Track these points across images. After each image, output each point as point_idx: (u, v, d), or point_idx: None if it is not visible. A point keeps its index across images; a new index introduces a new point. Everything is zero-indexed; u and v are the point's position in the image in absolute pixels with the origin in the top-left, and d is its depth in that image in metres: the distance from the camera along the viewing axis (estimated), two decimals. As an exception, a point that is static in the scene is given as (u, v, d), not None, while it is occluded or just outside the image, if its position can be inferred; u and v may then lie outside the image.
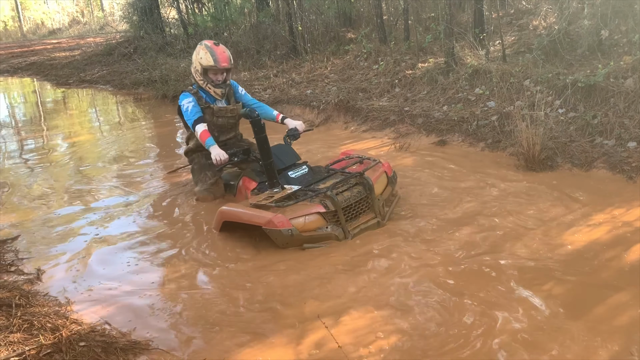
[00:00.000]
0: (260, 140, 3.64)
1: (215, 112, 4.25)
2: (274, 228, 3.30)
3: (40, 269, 3.42)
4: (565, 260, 3.08)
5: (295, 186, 3.66)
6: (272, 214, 3.35)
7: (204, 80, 4.18)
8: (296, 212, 3.40)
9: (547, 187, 4.13)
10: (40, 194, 4.99)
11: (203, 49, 4.13)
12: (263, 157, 3.66)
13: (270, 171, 3.66)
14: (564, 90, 5.17)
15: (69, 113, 9.65)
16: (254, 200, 3.56)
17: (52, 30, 27.29)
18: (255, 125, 3.64)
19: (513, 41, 6.95)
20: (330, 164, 4.15)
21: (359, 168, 3.96)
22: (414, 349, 2.43)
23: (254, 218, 3.41)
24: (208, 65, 4.09)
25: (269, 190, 3.67)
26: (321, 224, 3.45)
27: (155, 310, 2.90)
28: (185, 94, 4.20)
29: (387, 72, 7.22)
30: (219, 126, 4.33)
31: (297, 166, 3.97)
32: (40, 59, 16.47)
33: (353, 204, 3.57)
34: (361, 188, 3.66)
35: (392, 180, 4.07)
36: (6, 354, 2.34)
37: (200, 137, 4.05)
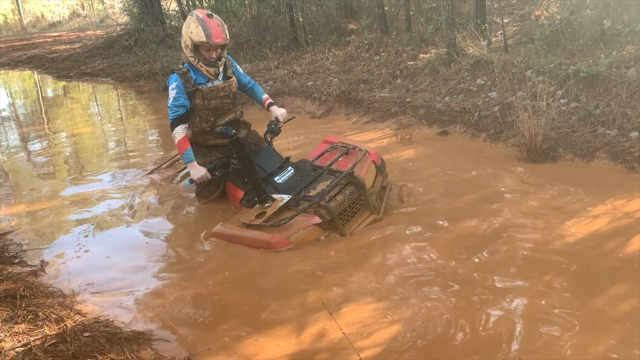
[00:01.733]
0: (242, 159, 3.41)
1: (205, 93, 3.73)
2: (274, 249, 3.27)
3: (44, 261, 3.44)
4: (567, 250, 3.08)
5: (285, 196, 3.51)
6: (269, 235, 3.29)
7: (195, 57, 3.66)
8: (292, 227, 3.32)
9: (548, 177, 4.13)
10: (42, 186, 5.00)
11: (194, 22, 3.57)
12: (247, 174, 3.46)
13: (258, 187, 3.46)
14: (566, 80, 5.16)
15: (70, 106, 9.65)
16: (246, 219, 3.43)
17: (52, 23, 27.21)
18: (233, 145, 3.37)
19: (515, 31, 6.93)
20: (315, 158, 4.01)
21: (345, 162, 3.87)
22: (416, 339, 2.45)
23: (251, 242, 3.35)
24: (199, 41, 3.56)
25: (260, 205, 3.50)
26: (319, 234, 3.39)
27: (159, 301, 2.92)
28: (171, 78, 3.72)
29: (388, 63, 7.20)
30: (213, 109, 3.82)
31: (282, 169, 3.78)
32: (41, 52, 16.42)
33: (347, 206, 3.49)
34: (353, 188, 3.58)
35: (381, 168, 3.98)
36: (11, 344, 2.36)
37: (177, 146, 3.67)
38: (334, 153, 4.04)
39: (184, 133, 3.67)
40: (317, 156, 4.03)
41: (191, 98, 3.71)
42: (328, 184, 3.59)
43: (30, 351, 2.32)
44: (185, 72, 3.70)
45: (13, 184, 5.15)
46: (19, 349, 2.33)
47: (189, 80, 3.69)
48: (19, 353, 2.29)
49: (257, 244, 3.32)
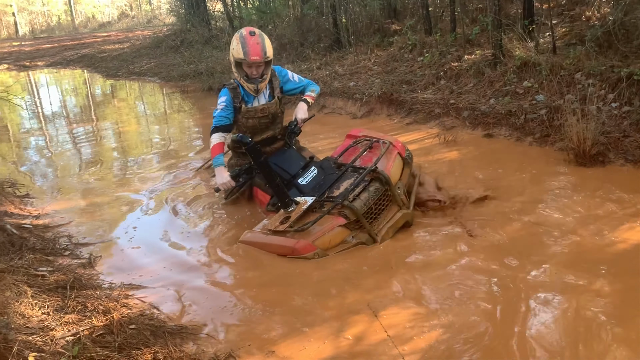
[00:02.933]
0: (261, 166, 3.36)
1: (243, 113, 3.84)
2: (300, 255, 3.21)
3: (93, 254, 3.55)
4: (617, 258, 2.98)
5: (309, 198, 3.42)
6: (294, 241, 3.23)
7: (239, 74, 3.76)
8: (317, 231, 3.24)
9: (598, 182, 4.00)
10: (90, 182, 5.17)
11: (236, 39, 3.68)
12: (268, 181, 3.41)
13: (280, 193, 3.40)
14: (618, 83, 4.98)
15: (117, 104, 9.94)
16: (271, 225, 3.37)
17: (102, 23, 28.12)
18: (251, 152, 3.32)
19: (564, 33, 6.73)
20: (339, 154, 3.88)
21: (370, 156, 3.73)
22: (457, 344, 2.41)
23: (277, 249, 3.31)
24: (238, 57, 3.66)
25: (284, 210, 3.43)
26: (345, 235, 3.29)
27: (203, 297, 2.97)
28: (223, 91, 3.85)
29: (432, 64, 7.13)
30: (250, 127, 3.91)
31: (305, 169, 3.71)
32: (91, 51, 16.99)
33: (373, 205, 3.36)
34: (377, 184, 3.45)
35: (408, 160, 3.81)
36: (62, 333, 2.45)
37: (211, 150, 3.73)
38: (357, 148, 3.89)
39: (219, 140, 3.71)
40: (341, 152, 3.91)
41: (236, 112, 3.82)
42: (351, 182, 3.47)
43: (79, 340, 2.40)
44: (235, 88, 3.81)
45: (62, 179, 5.34)
46: (69, 338, 2.41)
47: (238, 95, 3.80)
48: (69, 342, 2.38)
49: (283, 251, 3.27)
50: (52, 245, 3.67)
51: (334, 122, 6.56)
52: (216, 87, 9.28)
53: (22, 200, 4.64)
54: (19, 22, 26.74)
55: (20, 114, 9.28)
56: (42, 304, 2.70)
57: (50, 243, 3.69)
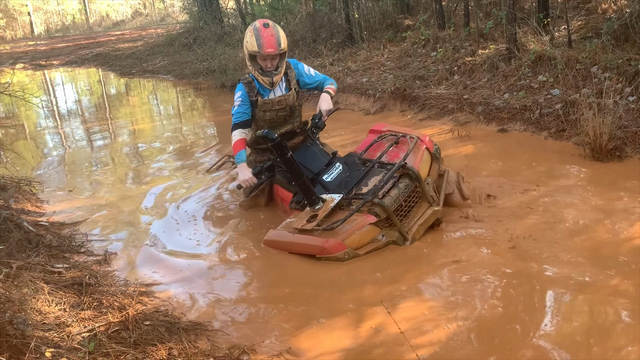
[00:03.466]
0: (287, 163, 3.25)
1: (260, 106, 3.75)
2: (329, 255, 3.11)
3: (108, 251, 3.59)
4: (635, 253, 2.94)
5: (336, 196, 3.32)
6: (323, 240, 3.12)
7: (253, 67, 3.69)
8: (347, 230, 3.13)
9: (615, 177, 3.95)
10: (106, 179, 5.21)
11: (250, 31, 3.59)
12: (294, 177, 3.30)
13: (306, 190, 3.30)
14: (635, 77, 4.90)
15: (131, 102, 10.02)
16: (298, 224, 3.26)
17: (116, 22, 28.33)
18: (276, 148, 3.22)
19: (580, 26, 6.64)
20: (364, 150, 3.75)
21: (397, 152, 3.61)
22: (473, 340, 2.40)
23: (305, 248, 3.21)
24: (252, 50, 3.57)
25: (310, 208, 3.33)
26: (375, 234, 3.20)
27: (217, 294, 2.99)
28: (238, 86, 3.79)
29: (445, 59, 7.07)
30: (268, 121, 3.81)
31: (329, 166, 3.61)
32: (105, 50, 17.11)
33: (403, 202, 3.27)
34: (407, 180, 3.36)
35: (436, 155, 3.72)
36: (78, 329, 2.48)
37: (232, 147, 3.67)
38: (382, 143, 3.76)
39: (240, 136, 3.66)
40: (366, 148, 3.78)
41: (253, 107, 3.75)
42: (380, 178, 3.37)
43: (95, 337, 2.43)
44: (250, 82, 3.75)
45: (78, 176, 5.39)
46: (85, 334, 2.44)
47: (253, 89, 3.73)
48: (85, 338, 2.40)
49: (311, 250, 3.17)
50: (68, 242, 3.71)
51: (346, 118, 6.54)
52: (229, 85, 9.31)
53: (39, 198, 4.70)
54: (35, 21, 27.04)
55: (37, 112, 9.39)
56: (59, 301, 2.73)
57: (66, 240, 3.74)
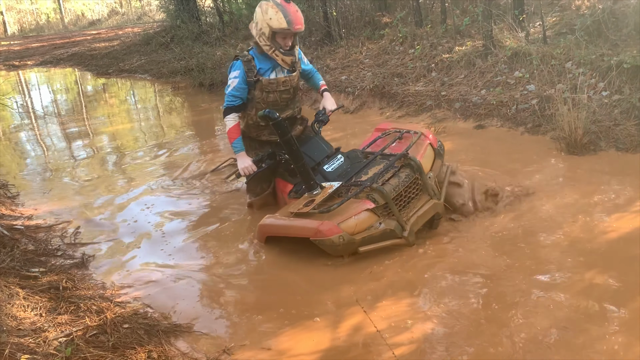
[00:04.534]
0: (287, 143, 3.19)
1: (264, 86, 3.52)
2: (323, 238, 3.00)
3: (85, 254, 3.54)
4: (609, 246, 3.00)
5: (335, 183, 3.29)
6: (318, 222, 3.02)
7: (271, 46, 3.41)
8: (343, 214, 3.04)
9: (590, 171, 4.02)
10: (82, 180, 5.14)
11: (272, 7, 3.32)
12: (293, 160, 3.24)
13: (305, 173, 3.25)
14: (608, 72, 4.99)
15: (109, 102, 9.88)
16: (294, 208, 3.19)
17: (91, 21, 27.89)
18: (277, 127, 3.16)
19: (554, 22, 6.73)
20: (367, 146, 3.77)
21: (399, 146, 3.59)
22: (450, 335, 2.42)
23: (299, 231, 3.12)
24: (279, 27, 3.31)
25: (308, 193, 3.29)
26: (373, 221, 3.10)
27: (196, 295, 2.97)
28: (235, 65, 3.52)
29: (423, 57, 7.11)
30: (271, 103, 3.58)
31: (331, 157, 3.58)
32: (81, 49, 16.83)
33: (403, 190, 3.22)
34: (408, 170, 3.31)
35: (439, 151, 3.69)
36: (55, 334, 2.44)
37: (227, 134, 3.51)
38: (386, 139, 3.77)
39: (235, 121, 3.52)
40: (369, 144, 3.79)
41: (251, 88, 3.54)
42: (380, 167, 3.34)
43: (72, 341, 2.40)
44: (250, 60, 3.49)
45: (54, 179, 5.30)
46: (62, 339, 2.41)
47: (252, 69, 3.49)
48: (62, 343, 2.37)
49: (306, 233, 3.07)
50: (45, 245, 3.66)
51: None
52: (207, 83, 9.25)
53: (14, 201, 4.62)
54: (7, 21, 26.49)
55: (11, 113, 9.21)
56: (35, 306, 2.69)
57: (43, 244, 3.68)
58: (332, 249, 3.04)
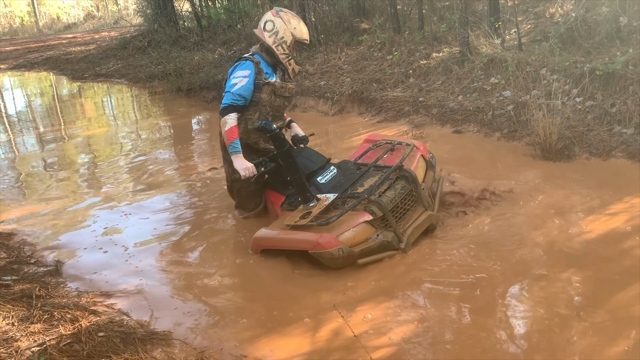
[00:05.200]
0: (284, 155, 3.20)
1: (277, 89, 3.52)
2: (322, 250, 2.96)
3: (59, 261, 3.47)
4: (584, 249, 3.05)
5: (330, 195, 3.26)
6: (317, 235, 2.98)
7: (288, 55, 3.49)
8: (341, 226, 3.02)
9: (564, 176, 4.09)
10: (57, 187, 5.05)
11: (294, 18, 3.45)
12: (290, 172, 3.23)
13: (301, 185, 3.22)
14: (581, 78, 5.09)
15: (85, 107, 9.75)
16: (290, 221, 3.14)
17: (67, 24, 27.50)
18: (274, 139, 3.17)
19: (529, 29, 6.86)
20: (358, 157, 3.78)
21: (392, 158, 3.63)
22: (429, 338, 2.43)
23: (297, 244, 3.08)
24: (302, 38, 3.46)
25: (303, 206, 3.24)
26: (370, 233, 3.11)
27: (173, 303, 2.93)
28: (246, 64, 3.45)
29: (401, 62, 7.17)
30: (275, 108, 3.58)
31: (324, 169, 3.52)
32: (56, 53, 16.59)
33: (399, 202, 3.24)
34: (404, 182, 3.35)
35: (431, 163, 3.75)
36: (27, 344, 2.39)
37: (226, 134, 3.36)
38: (377, 151, 3.79)
39: (235, 122, 3.39)
40: (360, 155, 3.81)
41: (256, 91, 3.47)
42: (376, 179, 3.36)
43: (45, 351, 2.34)
44: (258, 63, 3.49)
45: (27, 184, 5.20)
46: (35, 349, 2.35)
47: (261, 72, 3.48)
48: (35, 353, 2.32)
49: (304, 246, 3.03)
50: (17, 253, 3.58)
51: (306, 121, 6.54)
52: (185, 88, 9.17)
53: (-15, 208, 4.51)
54: (-20, 24, 26.00)
55: (-17, 118, 9.02)
56: (7, 315, 2.62)
57: (15, 251, 3.60)
58: (331, 262, 2.99)
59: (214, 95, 8.48)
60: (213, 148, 6.01)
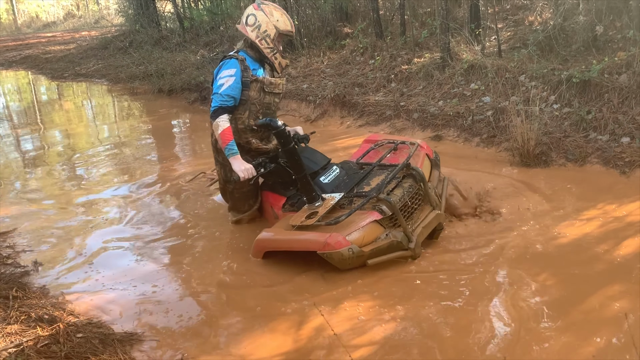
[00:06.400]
0: (289, 153, 3.10)
1: (265, 85, 3.41)
2: (332, 250, 2.87)
3: (37, 262, 3.44)
4: (558, 253, 3.12)
5: (336, 194, 3.16)
6: (326, 235, 2.89)
7: (273, 49, 3.37)
8: (350, 226, 2.93)
9: (541, 181, 4.17)
10: (36, 187, 4.99)
11: (277, 10, 3.34)
12: (295, 170, 3.13)
13: (307, 185, 3.12)
14: (558, 85, 5.20)
15: (64, 107, 9.63)
16: (295, 221, 3.05)
17: (46, 23, 27.13)
18: (279, 136, 3.08)
19: (509, 36, 6.97)
20: (360, 157, 3.69)
21: (396, 157, 3.57)
22: (409, 338, 2.46)
23: (304, 244, 2.97)
24: (285, 30, 3.34)
25: (308, 206, 3.16)
26: (379, 232, 3.01)
27: (153, 303, 2.92)
28: (231, 62, 3.34)
29: (383, 67, 7.23)
30: (265, 105, 3.47)
31: (326, 169, 3.41)
32: (35, 52, 16.38)
33: (408, 201, 3.15)
34: (411, 181, 3.27)
35: (436, 162, 3.69)
36: (4, 345, 2.36)
37: (220, 136, 3.25)
38: (379, 151, 3.71)
39: (228, 123, 3.28)
40: (362, 155, 3.71)
41: (245, 89, 3.36)
42: (383, 178, 3.27)
43: (22, 352, 2.32)
44: (243, 60, 3.37)
45: (4, 185, 5.13)
46: (12, 350, 2.33)
47: (247, 69, 3.36)
48: (12, 354, 2.29)
49: (313, 246, 2.93)
50: (-6, 253, 3.53)
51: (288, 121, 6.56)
52: (167, 89, 9.12)
53: (-39, 208, 4.44)
54: (-43, 21, 25.51)
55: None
56: (-17, 315, 2.59)
57: (-8, 252, 3.55)
58: (341, 262, 2.92)
59: (195, 96, 8.46)
60: (195, 149, 6.00)
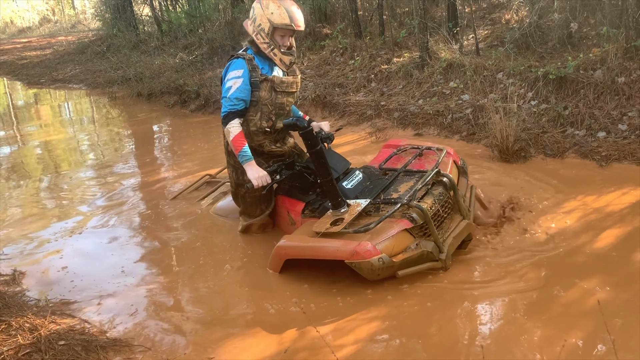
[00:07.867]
0: (316, 155, 2.93)
1: (276, 85, 3.20)
2: (361, 260, 2.68)
3: (17, 270, 3.38)
4: (538, 246, 3.16)
5: (362, 201, 3.00)
6: (355, 243, 2.70)
7: (269, 44, 3.14)
8: (380, 234, 2.76)
9: (520, 176, 4.22)
10: (15, 195, 4.91)
11: (274, 2, 3.07)
12: (321, 174, 2.96)
13: (333, 189, 2.96)
14: (535, 82, 5.27)
15: (41, 113, 9.50)
16: (320, 228, 2.88)
17: (21, 29, 26.70)
18: (307, 138, 2.90)
19: (486, 35, 7.05)
20: (383, 162, 3.49)
21: (422, 163, 3.41)
22: (394, 337, 2.48)
23: (331, 253, 2.77)
24: (282, 23, 3.06)
25: (332, 212, 3.00)
26: (409, 242, 2.84)
27: (136, 309, 2.89)
28: (237, 62, 3.15)
29: (363, 67, 7.26)
30: (278, 106, 3.26)
31: (348, 174, 3.26)
32: (10, 58, 16.12)
33: (440, 209, 2.99)
34: (441, 188, 3.08)
35: (463, 169, 3.53)
36: (-16, 355, 2.32)
37: (232, 143, 3.09)
38: (403, 156, 3.56)
39: (240, 128, 3.11)
40: (384, 160, 3.52)
41: (255, 90, 3.17)
42: (412, 184, 3.11)
43: (3, 361, 2.28)
44: (251, 59, 3.17)
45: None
46: (-8, 360, 2.29)
47: (256, 68, 3.16)
48: (-8, 363, 2.26)
49: (340, 255, 2.73)
50: (-28, 263, 3.47)
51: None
52: (146, 93, 9.04)
53: (-63, 217, 4.35)
54: None
55: None
56: (-39, 326, 2.54)
57: (-31, 261, 3.49)
58: (370, 273, 2.73)
59: (175, 99, 8.40)
60: (176, 153, 5.96)
